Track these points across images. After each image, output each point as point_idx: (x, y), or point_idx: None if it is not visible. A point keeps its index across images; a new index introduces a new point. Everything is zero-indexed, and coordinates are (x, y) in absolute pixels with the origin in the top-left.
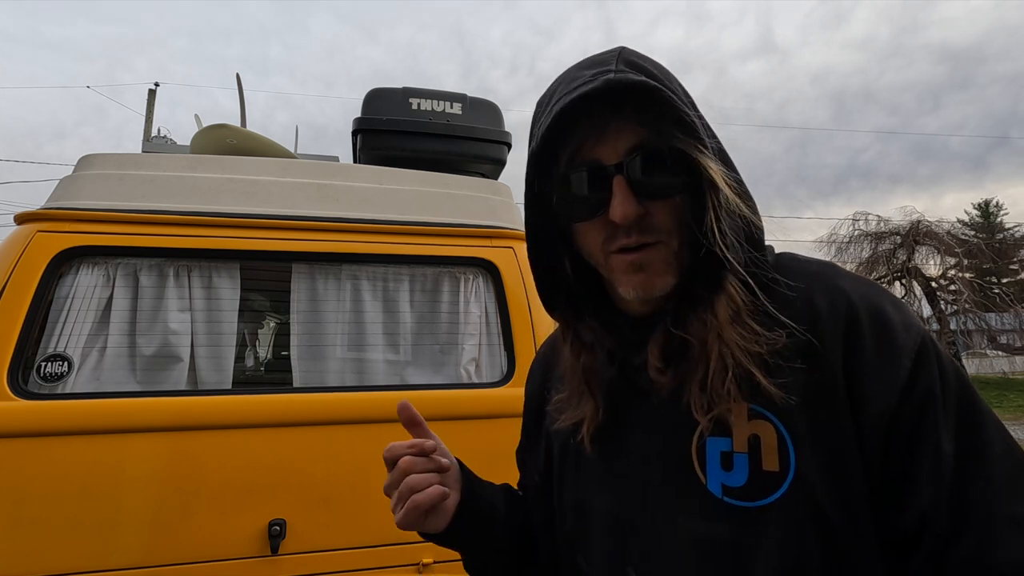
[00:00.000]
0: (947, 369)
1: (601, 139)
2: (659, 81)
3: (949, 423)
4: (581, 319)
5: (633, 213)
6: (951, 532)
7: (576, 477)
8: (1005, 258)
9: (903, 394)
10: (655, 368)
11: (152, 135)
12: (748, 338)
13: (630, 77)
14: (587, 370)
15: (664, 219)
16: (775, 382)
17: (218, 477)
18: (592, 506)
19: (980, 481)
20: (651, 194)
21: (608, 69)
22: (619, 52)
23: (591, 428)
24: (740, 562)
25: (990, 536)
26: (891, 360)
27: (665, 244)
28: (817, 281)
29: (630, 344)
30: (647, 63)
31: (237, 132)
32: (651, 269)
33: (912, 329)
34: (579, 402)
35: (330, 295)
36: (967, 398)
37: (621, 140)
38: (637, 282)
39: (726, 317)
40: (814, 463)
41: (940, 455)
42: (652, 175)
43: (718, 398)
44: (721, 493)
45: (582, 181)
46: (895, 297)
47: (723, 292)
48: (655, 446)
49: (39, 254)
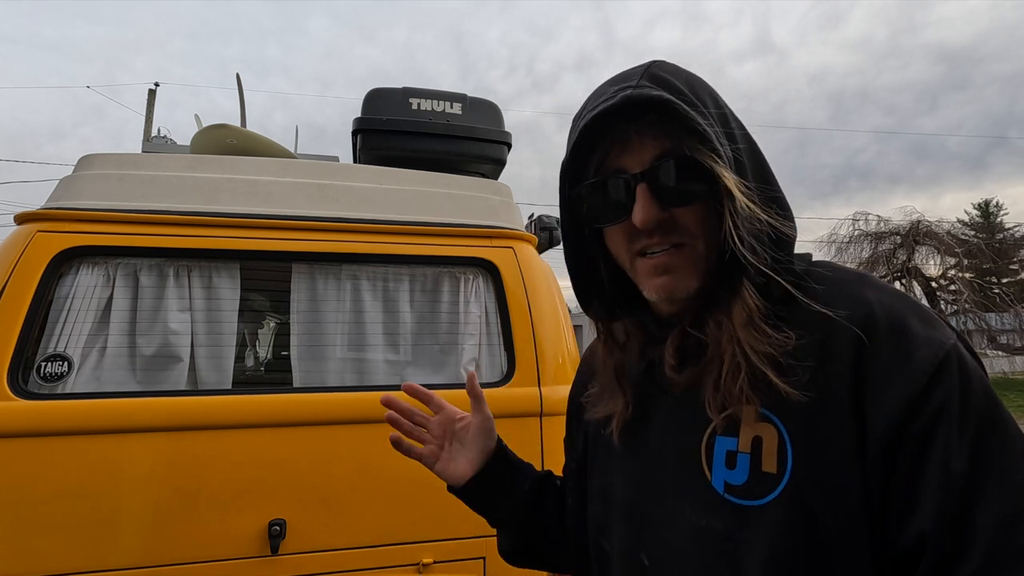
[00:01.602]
0: (972, 387)
1: (625, 150)
2: (678, 94)
3: (965, 442)
4: (615, 318)
5: (653, 218)
6: (954, 556)
7: (604, 465)
8: (1005, 258)
9: (912, 409)
10: (670, 366)
11: (152, 135)
12: (760, 340)
13: (647, 93)
14: (618, 367)
15: (687, 223)
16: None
17: (218, 477)
18: (615, 493)
19: (992, 505)
20: (672, 201)
21: (629, 85)
22: (647, 67)
23: (620, 422)
24: (733, 556)
25: (995, 565)
26: (904, 373)
27: (691, 247)
28: (842, 289)
29: (656, 341)
30: (673, 76)
31: (237, 132)
32: (674, 272)
33: (935, 343)
34: (610, 397)
35: (330, 295)
36: (992, 419)
37: (644, 151)
38: (660, 285)
39: (741, 319)
40: (811, 469)
41: (948, 474)
42: (673, 182)
43: (731, 398)
44: (723, 490)
45: (608, 188)
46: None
47: (739, 296)
48: (670, 441)
49: (39, 254)
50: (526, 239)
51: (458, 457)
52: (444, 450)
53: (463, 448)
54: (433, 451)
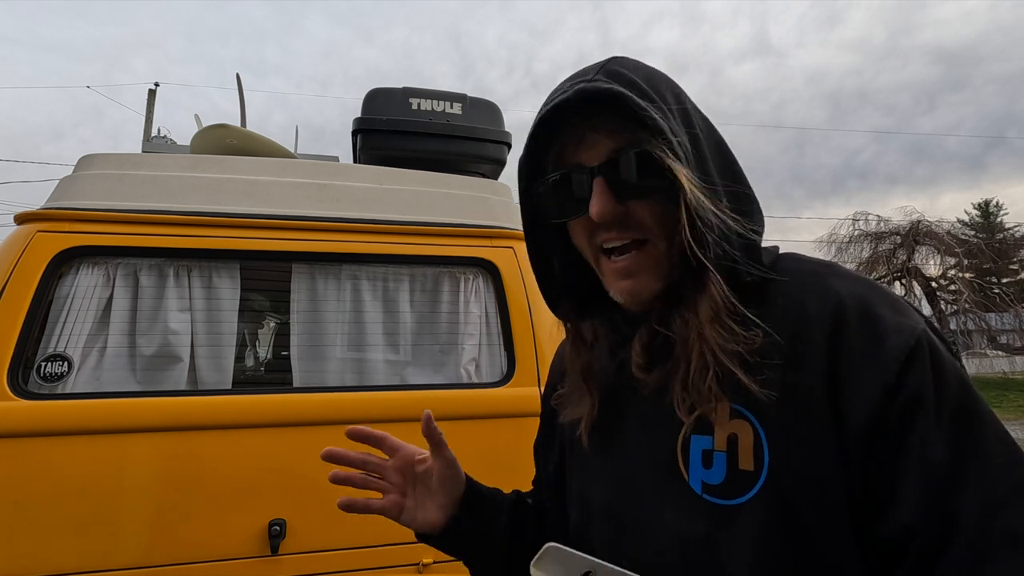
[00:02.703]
0: (945, 373)
1: (581, 144)
2: (632, 87)
3: (942, 429)
4: (583, 317)
5: (609, 211)
6: (939, 543)
7: (579, 470)
8: (1005, 258)
9: (887, 397)
10: (637, 365)
11: (152, 135)
12: (727, 337)
13: (599, 86)
14: (586, 367)
15: (644, 217)
16: (756, 379)
17: (218, 477)
18: (592, 498)
19: (975, 491)
20: (628, 194)
21: (584, 79)
22: (605, 62)
23: (588, 424)
24: (716, 558)
25: (982, 550)
26: (877, 362)
27: (652, 245)
28: (810, 280)
29: (627, 340)
30: (632, 71)
31: (237, 132)
32: (637, 276)
33: (905, 330)
34: (578, 398)
35: (330, 295)
36: (966, 404)
37: (599, 144)
38: (625, 288)
39: (707, 316)
40: (789, 464)
41: (928, 463)
42: (628, 176)
43: (700, 396)
44: (701, 490)
45: (564, 183)
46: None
47: (704, 292)
48: (645, 442)
49: (39, 254)
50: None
51: (426, 503)
52: (408, 497)
53: (430, 493)
54: (395, 501)
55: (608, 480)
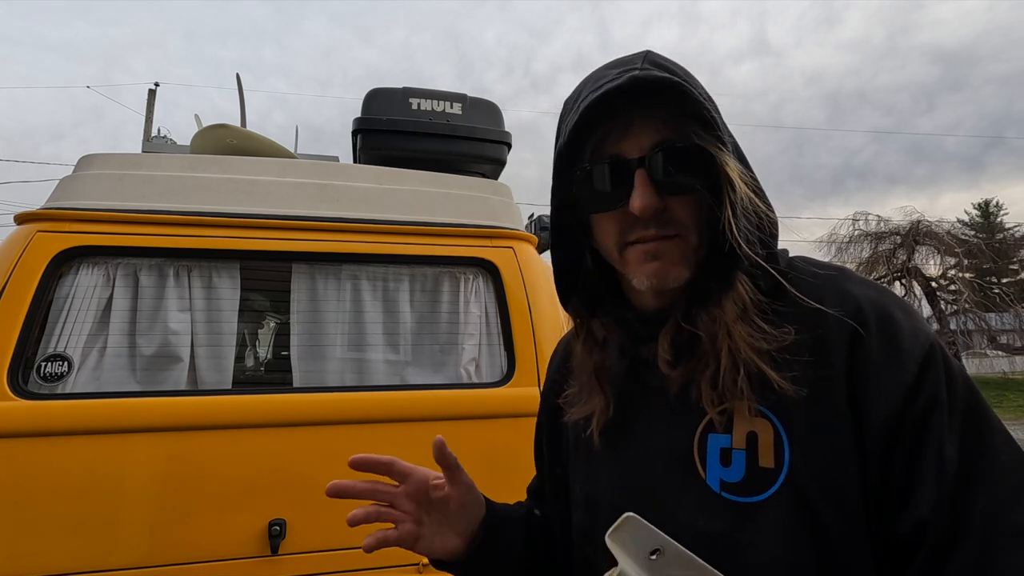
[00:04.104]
0: (955, 376)
1: (625, 134)
2: (682, 79)
3: (954, 429)
4: (594, 315)
5: (652, 206)
6: (951, 539)
7: (587, 470)
8: (1005, 258)
9: (907, 399)
10: (665, 361)
11: (152, 135)
12: (755, 335)
13: (654, 74)
14: (598, 365)
15: (683, 214)
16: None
17: (218, 477)
18: (600, 498)
19: (984, 488)
20: (671, 189)
21: (634, 68)
22: (645, 53)
23: (600, 422)
24: (735, 556)
25: (992, 544)
26: (896, 364)
27: (683, 238)
28: (827, 284)
29: (640, 339)
30: (671, 64)
31: (237, 132)
32: (666, 258)
33: (920, 335)
34: (589, 397)
35: (330, 295)
36: (975, 406)
37: (645, 136)
38: (651, 270)
39: (734, 314)
40: (808, 462)
41: (943, 461)
42: (673, 171)
43: (730, 395)
44: (719, 488)
45: (604, 174)
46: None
47: (732, 289)
48: (659, 441)
49: (39, 254)
50: (526, 239)
51: (444, 531)
52: (424, 525)
53: (447, 520)
54: (410, 531)
55: (617, 480)
